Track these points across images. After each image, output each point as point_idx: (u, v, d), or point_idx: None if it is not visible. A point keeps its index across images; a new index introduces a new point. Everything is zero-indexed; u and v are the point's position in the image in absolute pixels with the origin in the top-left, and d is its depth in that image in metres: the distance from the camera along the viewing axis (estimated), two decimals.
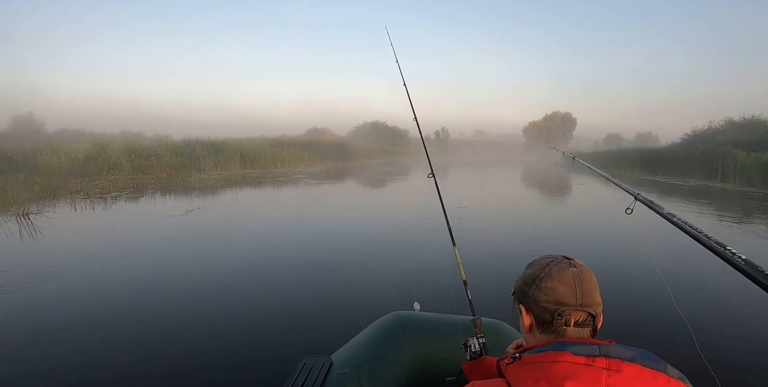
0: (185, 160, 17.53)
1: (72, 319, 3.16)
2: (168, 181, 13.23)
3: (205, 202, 9.22)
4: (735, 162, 17.06)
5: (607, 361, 0.66)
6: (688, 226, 1.01)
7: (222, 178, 14.73)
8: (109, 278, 4.09)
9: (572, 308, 0.76)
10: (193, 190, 11.29)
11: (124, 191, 10.57)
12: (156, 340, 2.85)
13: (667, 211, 1.17)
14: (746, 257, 0.80)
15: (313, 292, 3.82)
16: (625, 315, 3.29)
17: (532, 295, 0.80)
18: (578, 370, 0.66)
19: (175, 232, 6.15)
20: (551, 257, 0.83)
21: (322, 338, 2.90)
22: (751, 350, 2.77)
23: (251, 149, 21.12)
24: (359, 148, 33.67)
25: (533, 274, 0.82)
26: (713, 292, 3.78)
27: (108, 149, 17.45)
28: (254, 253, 5.19)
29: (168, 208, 8.21)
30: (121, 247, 5.20)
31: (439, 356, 1.72)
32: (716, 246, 0.87)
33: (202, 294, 3.74)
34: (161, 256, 4.87)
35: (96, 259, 4.65)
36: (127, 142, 19.52)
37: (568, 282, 0.77)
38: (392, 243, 5.86)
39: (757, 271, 0.76)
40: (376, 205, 10.02)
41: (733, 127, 27.28)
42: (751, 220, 8.08)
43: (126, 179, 12.97)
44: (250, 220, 7.43)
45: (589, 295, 0.77)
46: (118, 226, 6.67)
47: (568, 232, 6.77)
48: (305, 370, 1.56)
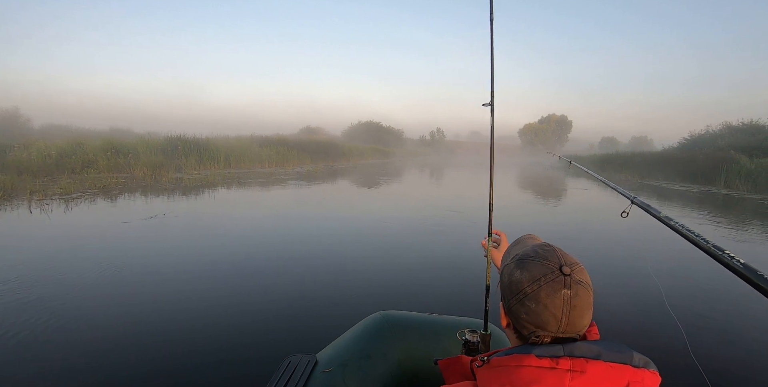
0: (165, 158, 16.66)
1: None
2: (140, 181, 12.33)
3: (172, 205, 8.37)
4: (739, 168, 16.45)
5: (572, 362, 0.65)
6: (686, 230, 1.01)
7: (199, 178, 13.85)
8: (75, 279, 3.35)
9: (552, 334, 0.70)
10: (164, 191, 10.41)
11: (87, 192, 9.68)
12: (139, 343, 2.78)
13: (665, 214, 1.15)
14: (744, 261, 0.79)
15: (298, 293, 3.78)
16: (618, 319, 3.28)
17: (513, 307, 0.74)
18: (542, 374, 0.64)
19: (150, 233, 5.37)
20: (547, 265, 0.72)
21: (308, 337, 2.88)
22: (744, 356, 2.69)
23: (237, 148, 20.28)
24: (351, 148, 32.97)
25: (520, 284, 0.73)
26: (708, 297, 3.70)
27: (84, 146, 16.55)
28: (238, 254, 5.05)
29: (128, 213, 7.34)
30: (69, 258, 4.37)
31: (425, 356, 1.69)
32: (714, 250, 0.87)
33: (186, 295, 3.64)
34: (127, 263, 4.19)
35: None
36: (106, 138, 18.56)
37: (555, 309, 0.69)
38: (379, 243, 5.83)
39: (756, 274, 0.75)
40: (363, 206, 9.66)
41: (732, 131, 26.91)
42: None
43: (94, 178, 12.06)
44: (229, 221, 7.11)
45: (575, 322, 0.70)
46: (61, 233, 5.81)
47: (563, 236, 6.56)
48: (290, 368, 1.55)
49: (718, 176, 17.07)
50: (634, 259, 4.94)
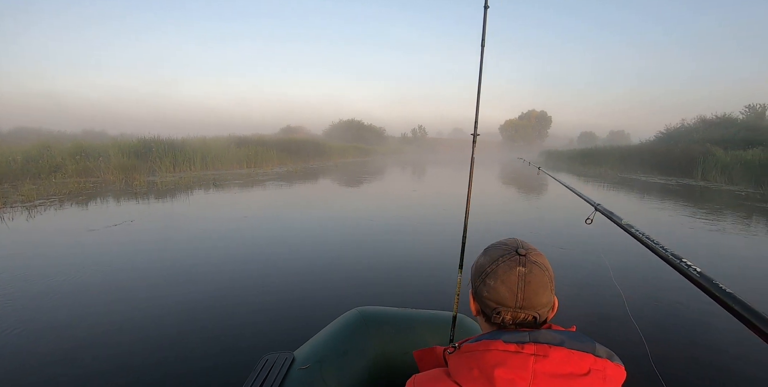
0: (137, 161, 16.08)
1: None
2: (110, 186, 11.82)
3: (141, 210, 7.96)
4: (715, 160, 16.72)
5: (536, 347, 0.69)
6: (645, 238, 1.03)
7: (173, 181, 13.37)
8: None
9: (511, 309, 0.75)
10: (135, 195, 9.96)
11: (51, 198, 9.18)
12: (115, 349, 2.70)
13: (626, 222, 1.19)
14: (701, 270, 0.80)
15: (275, 292, 3.76)
16: (578, 326, 2.82)
17: (477, 288, 0.80)
18: (507, 357, 0.68)
19: (118, 239, 5.01)
20: (505, 248, 0.79)
21: (286, 336, 2.87)
22: (701, 363, 2.69)
23: (214, 149, 19.75)
24: (333, 146, 32.63)
25: (482, 266, 0.80)
26: (668, 304, 3.66)
27: (52, 149, 15.86)
28: (212, 256, 4.96)
29: (92, 220, 6.93)
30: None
31: (401, 350, 1.69)
32: (672, 258, 0.88)
33: (158, 299, 3.56)
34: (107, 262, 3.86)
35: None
36: (76, 141, 17.85)
37: (511, 284, 0.75)
38: (356, 241, 5.84)
39: (711, 283, 0.76)
40: (339, 205, 9.53)
41: (706, 125, 27.44)
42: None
43: (60, 184, 11.52)
44: (202, 223, 6.96)
45: (531, 298, 0.75)
46: (20, 245, 5.40)
47: (530, 237, 6.23)
48: (267, 366, 1.53)
49: (695, 169, 17.33)
50: (596, 266, 4.79)
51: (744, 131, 21.88)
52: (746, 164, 15.14)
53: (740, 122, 25.58)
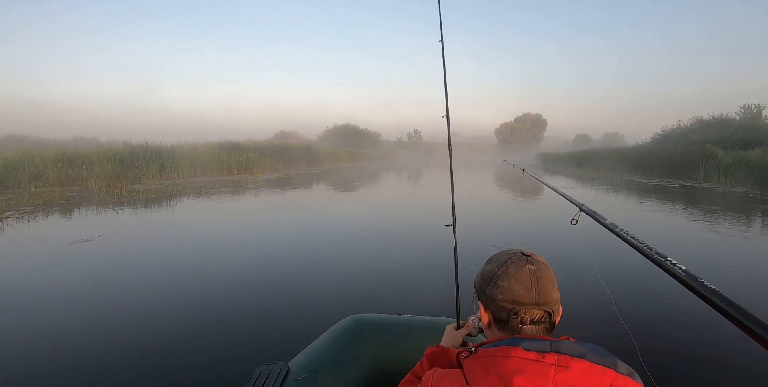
0: (122, 168, 15.54)
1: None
2: (90, 195, 11.26)
3: (120, 221, 7.44)
4: (717, 161, 16.36)
5: (557, 357, 0.67)
6: (630, 237, 1.02)
7: (158, 188, 12.83)
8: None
9: (528, 307, 0.75)
10: (113, 204, 9.42)
11: (23, 210, 8.62)
12: (105, 362, 2.61)
13: (611, 221, 1.18)
14: (686, 268, 0.79)
15: (269, 301, 3.64)
16: (567, 326, 3.04)
17: (489, 294, 0.80)
18: (527, 365, 0.66)
19: (100, 251, 4.49)
20: (509, 253, 0.82)
21: (280, 346, 2.81)
22: (688, 357, 2.73)
23: (203, 155, 19.23)
24: (326, 151, 32.20)
25: (491, 271, 0.81)
26: (656, 304, 3.61)
27: (35, 157, 15.31)
28: (204, 265, 4.80)
29: (60, 235, 6.40)
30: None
31: (397, 358, 1.65)
32: (657, 257, 0.88)
33: (149, 311, 3.42)
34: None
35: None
36: (59, 148, 17.26)
37: (524, 281, 0.76)
38: (350, 247, 5.69)
39: (696, 281, 0.75)
40: (332, 212, 9.20)
41: (703, 125, 27.20)
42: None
43: (35, 193, 10.98)
44: (191, 232, 6.76)
45: (545, 293, 0.76)
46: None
47: (518, 238, 6.42)
48: (261, 377, 1.49)
49: (696, 170, 16.97)
50: (583, 266, 4.67)
51: (741, 131, 21.67)
52: (749, 165, 14.77)
53: (737, 122, 25.37)
